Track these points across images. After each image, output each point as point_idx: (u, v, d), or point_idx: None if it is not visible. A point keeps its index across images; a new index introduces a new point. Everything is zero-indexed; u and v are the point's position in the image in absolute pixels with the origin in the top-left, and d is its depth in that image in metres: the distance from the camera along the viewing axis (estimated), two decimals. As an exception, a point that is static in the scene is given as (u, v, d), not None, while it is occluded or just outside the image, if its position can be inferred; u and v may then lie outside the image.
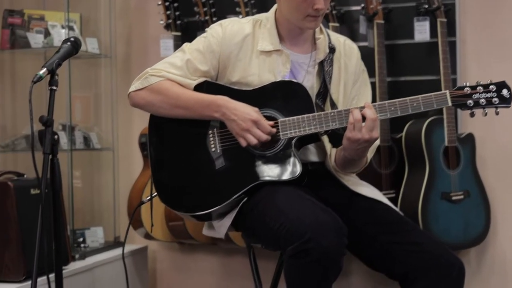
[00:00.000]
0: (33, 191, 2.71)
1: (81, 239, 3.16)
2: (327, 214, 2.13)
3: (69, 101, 3.19)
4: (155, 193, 2.40)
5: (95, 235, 3.30)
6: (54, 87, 1.99)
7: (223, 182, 2.32)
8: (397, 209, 2.52)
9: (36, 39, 3.12)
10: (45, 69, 1.98)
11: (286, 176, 2.29)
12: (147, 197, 2.49)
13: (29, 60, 3.38)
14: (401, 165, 3.12)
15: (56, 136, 1.98)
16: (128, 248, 3.35)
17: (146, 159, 3.34)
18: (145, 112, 2.47)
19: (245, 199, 2.32)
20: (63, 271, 2.81)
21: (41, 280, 2.64)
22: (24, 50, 3.15)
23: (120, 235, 3.45)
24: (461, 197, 3.01)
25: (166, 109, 2.36)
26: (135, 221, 3.37)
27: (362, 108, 2.25)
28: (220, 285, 3.54)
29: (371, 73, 2.67)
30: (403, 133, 3.08)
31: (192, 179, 2.35)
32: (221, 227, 2.37)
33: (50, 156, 1.98)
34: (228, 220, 2.35)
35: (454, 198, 3.00)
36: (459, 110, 3.10)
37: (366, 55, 2.63)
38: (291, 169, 2.29)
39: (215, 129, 2.36)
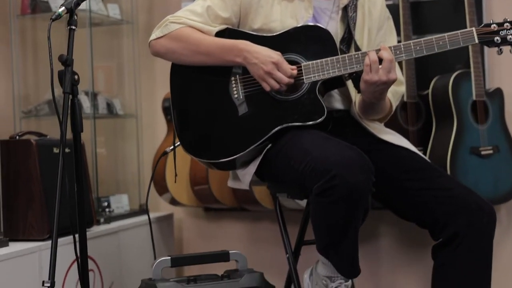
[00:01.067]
0: (55, 150, 2.69)
1: (105, 204, 3.14)
2: (353, 151, 2.09)
3: (91, 69, 3.17)
4: (178, 143, 2.37)
5: (120, 202, 3.28)
6: (73, 27, 1.96)
7: (247, 129, 2.28)
8: (425, 157, 2.47)
9: (57, 3, 3.11)
10: (63, 7, 1.95)
11: (310, 120, 2.25)
12: (170, 147, 2.46)
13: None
14: (428, 122, 3.06)
15: (76, 76, 1.95)
16: (154, 215, 3.33)
17: (170, 124, 3.31)
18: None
19: (269, 145, 2.29)
20: (88, 232, 2.84)
21: (66, 239, 2.64)
22: (45, 14, 3.13)
23: (146, 203, 3.42)
24: (491, 152, 2.95)
25: (187, 56, 2.33)
26: (160, 187, 3.35)
27: (378, 50, 2.21)
28: (247, 251, 3.48)
29: (396, 30, 2.61)
30: (430, 88, 3.02)
31: (215, 126, 2.32)
32: (246, 175, 2.34)
33: (71, 97, 1.95)
34: (252, 167, 2.31)
35: (483, 153, 2.93)
36: (486, 64, 3.07)
37: (391, 12, 2.58)
38: (316, 113, 2.25)
39: (237, 76, 2.32)
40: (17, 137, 2.67)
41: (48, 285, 1.83)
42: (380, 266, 3.38)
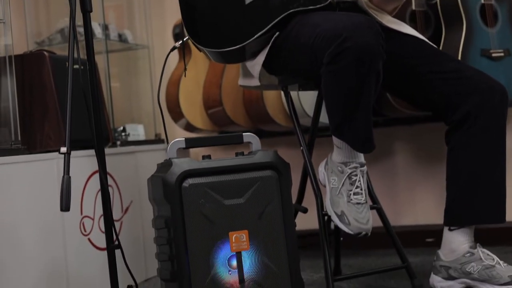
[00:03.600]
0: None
1: (121, 128, 3.17)
2: (363, 17, 2.10)
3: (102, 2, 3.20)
4: (187, 37, 2.39)
5: (136, 130, 3.31)
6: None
7: (254, 16, 2.29)
8: (433, 44, 2.47)
9: None
10: None
11: (318, 4, 2.27)
12: (179, 41, 2.48)
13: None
14: (438, 30, 3.06)
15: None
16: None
17: (180, 51, 3.34)
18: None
19: (277, 33, 2.30)
20: (106, 149, 2.87)
21: (86, 152, 2.68)
22: None
23: (161, 133, 3.45)
24: (501, 54, 2.95)
25: None
26: (174, 113, 3.38)
27: None
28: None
29: None
30: (438, -6, 3.03)
31: (223, 16, 2.33)
32: (255, 66, 2.35)
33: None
34: (261, 57, 2.33)
35: (494, 55, 2.93)
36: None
37: None
38: (323, -2, 2.27)
39: (243, -36, 2.33)
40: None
41: (65, 150, 1.84)
42: (397, 184, 3.39)
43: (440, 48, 2.99)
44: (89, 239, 2.68)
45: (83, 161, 2.68)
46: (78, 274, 2.57)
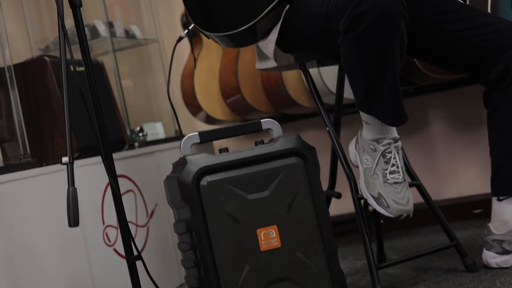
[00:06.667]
0: (71, 68, 2.56)
1: (138, 129, 3.01)
2: None
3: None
4: (192, 24, 2.22)
5: (154, 129, 3.14)
6: None
7: (262, -8, 2.11)
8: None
9: None
10: None
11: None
12: (185, 31, 2.31)
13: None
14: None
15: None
16: (191, 138, 3.19)
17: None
18: None
19: (287, 6, 2.12)
20: (123, 152, 2.72)
21: (96, 159, 2.52)
22: None
23: (182, 129, 3.28)
24: (535, 5, 2.73)
25: None
26: (192, 107, 3.22)
27: None
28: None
29: None
30: None
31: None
32: (269, 44, 2.17)
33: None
34: (273, 34, 2.15)
35: (527, 5, 2.71)
36: None
37: None
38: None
39: None
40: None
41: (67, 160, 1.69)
42: (436, 155, 3.19)
43: (467, 1, 2.77)
44: (114, 249, 2.52)
45: (100, 168, 2.52)
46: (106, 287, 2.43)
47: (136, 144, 2.92)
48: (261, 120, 1.99)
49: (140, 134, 2.99)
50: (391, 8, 1.83)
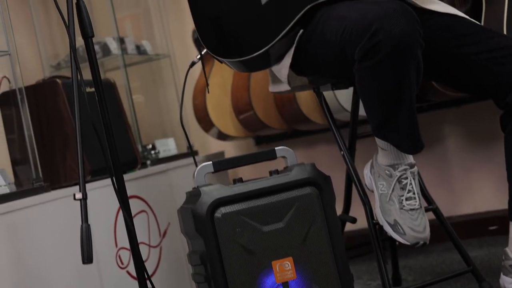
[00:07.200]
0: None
1: (150, 146, 2.99)
2: (394, 3, 1.87)
3: (114, 15, 3.02)
4: (205, 49, 2.20)
5: (167, 145, 3.12)
6: None
7: (274, 16, 2.08)
8: (475, 21, 2.24)
9: None
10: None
11: (342, -6, 2.04)
12: (197, 56, 2.29)
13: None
14: (476, 4, 2.80)
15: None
16: (204, 155, 3.17)
17: (204, 58, 3.15)
18: None
19: (301, 31, 2.09)
20: (135, 173, 2.70)
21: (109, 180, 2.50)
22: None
23: (194, 144, 3.27)
24: (551, 21, 2.69)
25: None
26: (205, 123, 3.20)
27: None
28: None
29: None
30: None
31: (240, 21, 2.11)
32: (282, 69, 2.14)
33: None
34: (287, 59, 2.11)
35: (543, 23, 2.67)
36: None
37: None
38: (347, -14, 2.04)
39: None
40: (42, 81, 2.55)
41: (80, 196, 1.68)
42: (451, 171, 3.15)
43: (482, 23, 2.73)
44: (127, 272, 2.51)
45: (113, 189, 2.51)
46: (120, 311, 2.41)
47: (149, 162, 2.90)
48: (276, 148, 1.97)
49: (152, 152, 2.97)
50: (408, 38, 1.80)
